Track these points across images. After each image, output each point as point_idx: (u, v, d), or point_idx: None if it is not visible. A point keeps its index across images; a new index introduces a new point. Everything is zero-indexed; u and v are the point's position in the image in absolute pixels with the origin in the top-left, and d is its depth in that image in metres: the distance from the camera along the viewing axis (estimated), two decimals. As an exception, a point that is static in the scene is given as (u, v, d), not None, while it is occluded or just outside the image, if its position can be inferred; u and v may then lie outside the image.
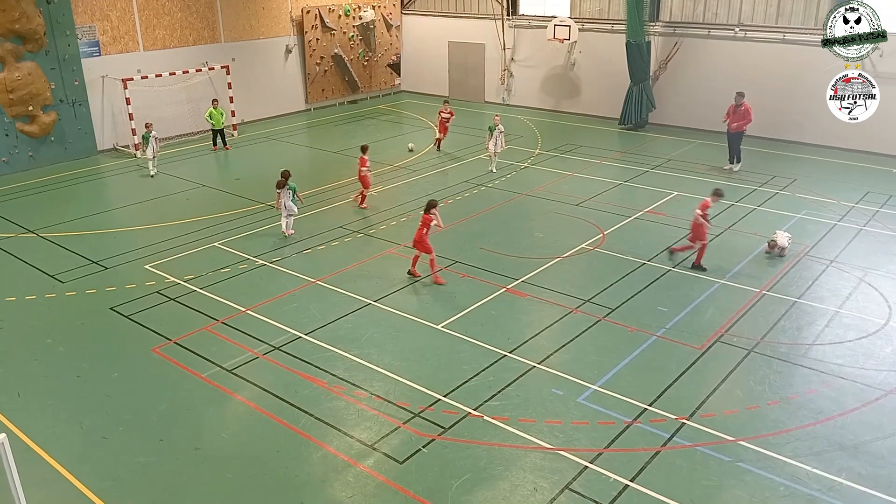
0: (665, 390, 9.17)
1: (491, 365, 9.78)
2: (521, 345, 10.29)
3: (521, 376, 9.51)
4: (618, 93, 23.53)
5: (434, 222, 12.10)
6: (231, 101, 22.96)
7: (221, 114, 21.02)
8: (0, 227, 15.13)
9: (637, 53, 22.44)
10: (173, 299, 11.81)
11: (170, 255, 13.60)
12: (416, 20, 28.89)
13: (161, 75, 21.22)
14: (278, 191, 14.28)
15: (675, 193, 16.74)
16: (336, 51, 26.70)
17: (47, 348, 10.44)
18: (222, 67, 22.68)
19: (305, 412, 8.81)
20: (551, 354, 10.04)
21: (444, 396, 9.08)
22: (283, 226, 14.40)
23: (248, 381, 9.52)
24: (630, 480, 7.59)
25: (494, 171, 18.47)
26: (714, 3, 22.01)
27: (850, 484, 7.53)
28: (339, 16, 26.42)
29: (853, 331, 10.64)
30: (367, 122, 25.15)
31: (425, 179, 18.24)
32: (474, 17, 27.27)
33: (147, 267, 13.03)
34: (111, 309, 11.50)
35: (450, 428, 8.46)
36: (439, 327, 10.84)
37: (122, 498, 7.51)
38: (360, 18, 27.07)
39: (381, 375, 9.59)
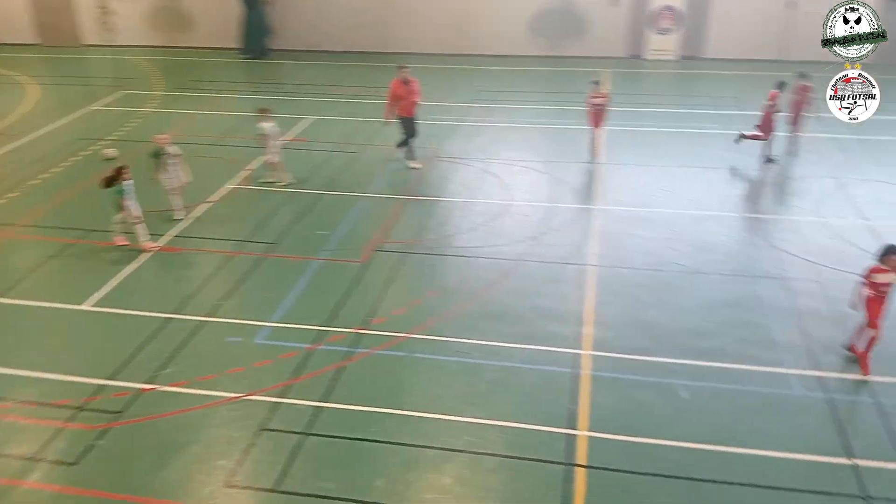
0: (338, 308, 9.50)
1: (156, 333, 9.08)
2: (186, 302, 9.71)
3: (192, 335, 9.01)
4: (234, 20, 22.60)
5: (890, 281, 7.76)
6: None
7: None
8: None
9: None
10: None
11: None
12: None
13: None
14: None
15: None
16: None
17: None
18: None
19: (-65, 448, 7.31)
20: (220, 304, 9.66)
21: (110, 380, 8.22)
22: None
23: None
24: (322, 402, 7.79)
25: (183, 218, 12.16)
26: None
27: (503, 344, 8.69)
28: None
29: (483, 216, 12.06)
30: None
31: (32, 144, 15.71)
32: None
33: None
34: None
35: (123, 411, 7.74)
36: (86, 307, 9.67)
37: None
38: None
39: (26, 379, 8.30)
